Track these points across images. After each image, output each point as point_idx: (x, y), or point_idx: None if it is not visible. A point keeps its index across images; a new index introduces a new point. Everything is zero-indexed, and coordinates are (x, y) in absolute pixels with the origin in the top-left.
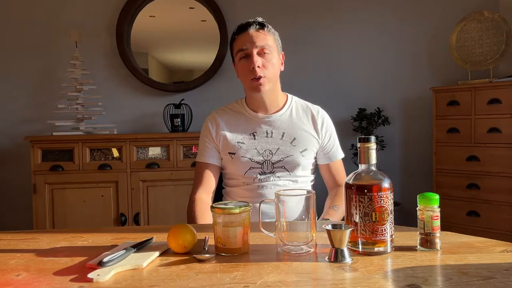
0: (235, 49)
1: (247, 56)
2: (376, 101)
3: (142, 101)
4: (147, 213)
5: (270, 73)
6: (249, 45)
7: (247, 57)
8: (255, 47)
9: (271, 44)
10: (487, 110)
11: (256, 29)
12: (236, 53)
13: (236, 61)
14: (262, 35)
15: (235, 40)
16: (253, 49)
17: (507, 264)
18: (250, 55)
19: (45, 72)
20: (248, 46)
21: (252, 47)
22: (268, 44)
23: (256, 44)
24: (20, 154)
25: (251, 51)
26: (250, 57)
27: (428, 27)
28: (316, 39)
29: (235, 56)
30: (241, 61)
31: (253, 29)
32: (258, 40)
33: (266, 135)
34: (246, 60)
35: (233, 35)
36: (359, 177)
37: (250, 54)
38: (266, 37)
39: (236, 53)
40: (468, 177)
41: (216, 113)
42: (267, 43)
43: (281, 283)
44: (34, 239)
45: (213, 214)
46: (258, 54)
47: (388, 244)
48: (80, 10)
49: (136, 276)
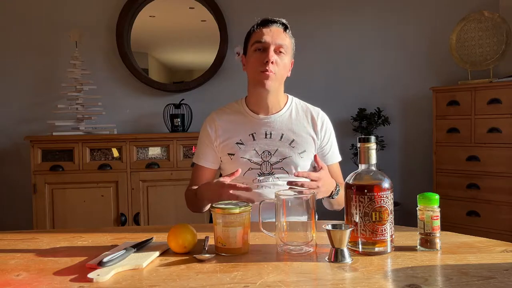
0: (252, 39)
1: (263, 49)
2: (376, 101)
3: (142, 101)
4: (147, 213)
5: (280, 72)
6: (269, 40)
7: (263, 50)
8: (274, 43)
9: (288, 46)
10: (487, 110)
11: (279, 28)
12: (252, 44)
13: (249, 52)
14: (283, 35)
15: (254, 31)
16: (272, 45)
17: (507, 264)
18: (267, 49)
19: (45, 72)
20: (267, 40)
21: (271, 42)
22: (286, 45)
23: (276, 41)
24: (20, 154)
25: (269, 46)
26: (266, 50)
27: (428, 27)
28: (316, 39)
29: (250, 47)
30: (256, 53)
31: (277, 26)
32: (278, 38)
33: (265, 136)
34: (261, 53)
35: (255, 26)
36: (359, 177)
37: (267, 48)
38: (286, 38)
39: (252, 44)
40: (468, 177)
41: (215, 114)
42: (285, 43)
43: (281, 283)
44: (34, 239)
45: (213, 214)
46: (274, 51)
47: (388, 244)
48: (80, 10)
49: (136, 276)
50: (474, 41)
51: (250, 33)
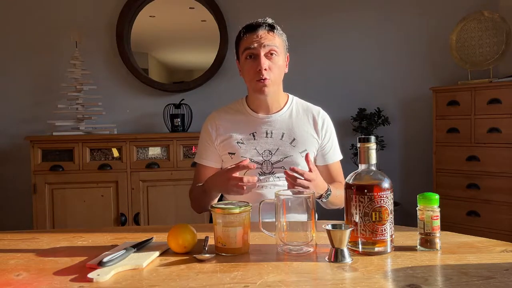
0: (242, 46)
1: (254, 56)
2: (376, 101)
3: (142, 101)
4: (147, 213)
5: (275, 76)
6: (257, 46)
7: (254, 58)
8: (263, 48)
9: (279, 46)
10: (487, 110)
11: (265, 30)
12: (243, 51)
13: (241, 59)
14: (271, 36)
15: (242, 38)
16: (261, 50)
17: (507, 264)
18: (258, 56)
19: (45, 72)
20: (256, 46)
21: (260, 48)
22: (276, 46)
23: (264, 45)
24: (20, 154)
25: (259, 52)
26: (257, 58)
27: (428, 27)
28: (316, 39)
29: (241, 54)
30: (248, 61)
31: (263, 30)
32: (266, 41)
33: (266, 135)
34: (253, 61)
35: (241, 33)
36: (359, 177)
37: (257, 55)
38: (275, 39)
39: (243, 51)
40: (468, 177)
41: (216, 113)
42: (275, 44)
43: (281, 283)
44: (34, 239)
45: (213, 214)
46: (265, 55)
47: (388, 244)
48: (80, 10)
49: (136, 276)
50: (474, 41)
51: (238, 40)
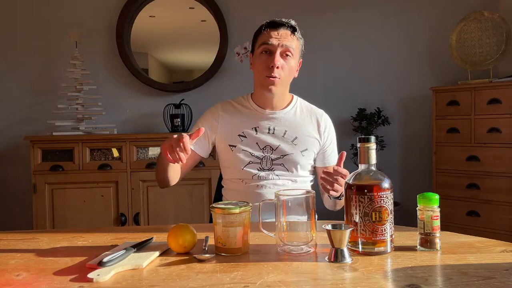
0: (260, 40)
1: (270, 52)
2: (376, 101)
3: (142, 101)
4: (147, 213)
5: (286, 76)
6: (275, 42)
7: (270, 54)
8: (281, 46)
9: (295, 49)
10: (487, 110)
11: (286, 30)
12: (260, 45)
13: (256, 52)
14: (290, 37)
15: (262, 32)
16: (278, 48)
17: (507, 264)
18: (274, 52)
19: (45, 72)
20: (274, 43)
21: (277, 46)
22: (293, 48)
23: (282, 44)
24: (20, 154)
25: (275, 49)
26: (272, 54)
27: (428, 27)
28: (316, 39)
29: (257, 47)
30: (262, 55)
31: (284, 29)
32: (285, 40)
33: (268, 131)
34: (267, 56)
35: (263, 27)
36: (359, 177)
37: (273, 51)
38: (294, 41)
39: (260, 45)
40: (468, 177)
41: (221, 105)
42: (293, 46)
43: (281, 283)
44: (34, 239)
45: (213, 214)
46: (280, 54)
47: (388, 244)
48: (80, 10)
49: (136, 276)
50: (474, 41)
51: (258, 33)
